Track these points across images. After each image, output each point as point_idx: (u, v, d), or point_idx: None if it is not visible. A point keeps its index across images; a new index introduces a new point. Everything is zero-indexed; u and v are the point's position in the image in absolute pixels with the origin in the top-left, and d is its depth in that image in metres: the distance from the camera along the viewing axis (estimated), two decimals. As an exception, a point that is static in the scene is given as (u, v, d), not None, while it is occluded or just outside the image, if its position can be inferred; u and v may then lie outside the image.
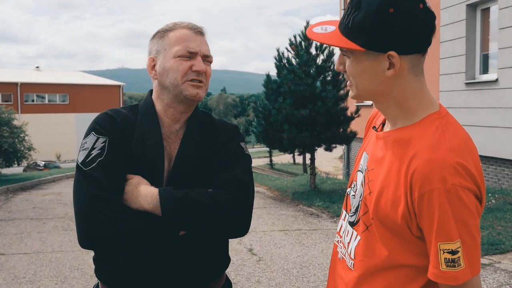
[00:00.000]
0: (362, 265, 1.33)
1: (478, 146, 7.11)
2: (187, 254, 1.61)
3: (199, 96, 1.65)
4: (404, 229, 1.23)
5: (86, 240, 1.51)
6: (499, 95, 8.61)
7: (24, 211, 9.78)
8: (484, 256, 5.45)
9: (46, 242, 6.94)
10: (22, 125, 18.29)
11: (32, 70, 56.25)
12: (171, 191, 1.53)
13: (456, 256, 1.16)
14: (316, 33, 1.31)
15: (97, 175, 1.51)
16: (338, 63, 1.34)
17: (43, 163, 36.87)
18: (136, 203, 1.52)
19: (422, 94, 1.29)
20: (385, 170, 1.29)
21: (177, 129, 1.68)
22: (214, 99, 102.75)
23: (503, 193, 8.08)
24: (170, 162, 1.64)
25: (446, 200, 1.15)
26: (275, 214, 8.94)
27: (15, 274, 5.48)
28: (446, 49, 10.16)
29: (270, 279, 5.16)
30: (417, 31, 1.21)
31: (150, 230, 1.49)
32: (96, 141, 1.58)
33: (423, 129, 1.26)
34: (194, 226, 1.53)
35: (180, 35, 1.65)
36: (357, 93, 1.32)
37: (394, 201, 1.24)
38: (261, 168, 26.29)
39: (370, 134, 1.50)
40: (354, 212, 1.41)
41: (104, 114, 1.67)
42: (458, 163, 1.17)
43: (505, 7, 8.44)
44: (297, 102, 10.53)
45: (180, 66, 1.63)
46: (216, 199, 1.54)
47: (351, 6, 1.25)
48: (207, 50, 1.68)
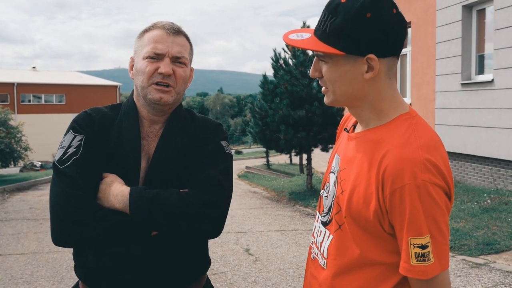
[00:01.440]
0: (335, 264, 1.35)
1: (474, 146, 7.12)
2: (163, 255, 1.59)
3: (164, 100, 1.59)
4: (376, 226, 1.26)
5: (58, 238, 1.51)
6: (494, 95, 8.65)
7: (21, 211, 9.77)
8: (479, 256, 5.48)
9: (42, 243, 6.94)
10: (19, 125, 18.25)
11: (29, 70, 56.09)
12: (142, 190, 1.51)
13: (426, 250, 1.19)
14: (292, 39, 1.32)
15: (71, 174, 1.51)
16: (313, 70, 1.35)
17: (39, 163, 36.77)
18: (108, 202, 1.51)
19: (394, 96, 1.34)
20: (356, 169, 1.32)
21: (156, 129, 1.67)
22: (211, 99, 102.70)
23: (498, 193, 8.11)
24: (148, 161, 1.63)
25: (417, 196, 1.18)
26: (272, 214, 8.96)
27: (11, 274, 5.48)
28: (442, 49, 10.19)
29: (266, 279, 5.17)
30: (393, 35, 1.25)
31: (120, 229, 1.49)
32: (73, 139, 1.58)
33: (394, 129, 1.29)
34: (163, 227, 1.51)
35: (152, 36, 1.62)
36: (334, 98, 1.34)
37: (366, 199, 1.26)
38: (258, 169, 26.28)
39: (342, 136, 1.53)
40: (327, 212, 1.43)
41: (83, 113, 1.66)
42: (427, 159, 1.20)
43: (501, 8, 8.48)
44: (293, 102, 10.55)
45: (146, 68, 1.59)
46: (187, 200, 1.51)
47: (327, 12, 1.27)
48: (179, 51, 1.62)
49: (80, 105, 47.21)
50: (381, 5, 1.23)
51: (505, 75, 8.38)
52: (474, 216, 6.97)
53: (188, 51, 1.68)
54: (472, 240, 5.91)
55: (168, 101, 1.60)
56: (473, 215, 7.02)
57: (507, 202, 7.44)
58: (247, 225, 7.88)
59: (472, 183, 9.37)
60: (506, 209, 7.13)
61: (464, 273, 4.96)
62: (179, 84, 1.63)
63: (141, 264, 1.58)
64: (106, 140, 1.61)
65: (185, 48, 1.66)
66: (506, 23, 8.35)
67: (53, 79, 50.91)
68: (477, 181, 9.29)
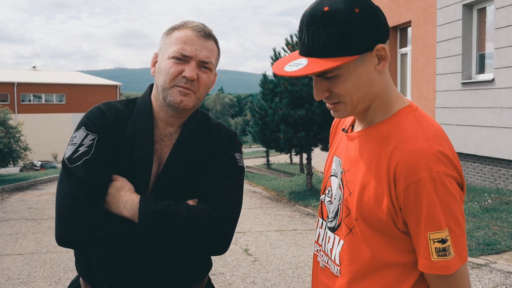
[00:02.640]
0: (349, 270, 1.30)
1: (475, 146, 7.09)
2: (164, 258, 1.56)
3: (184, 104, 1.53)
4: (390, 226, 1.23)
5: (62, 240, 1.48)
6: (495, 95, 8.61)
7: (19, 211, 9.74)
8: (480, 256, 5.44)
9: (41, 243, 6.91)
10: (18, 125, 18.23)
11: (29, 70, 56.13)
12: (152, 201, 1.47)
13: (446, 244, 1.16)
14: (294, 71, 1.21)
15: (80, 175, 1.47)
16: (320, 92, 1.26)
17: (39, 163, 36.79)
18: (117, 208, 1.48)
19: (392, 87, 1.32)
20: (363, 168, 1.28)
21: (171, 132, 1.61)
22: (211, 99, 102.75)
23: (499, 193, 8.07)
24: (160, 166, 1.58)
25: (432, 189, 1.15)
26: (272, 214, 8.92)
27: (9, 275, 5.45)
28: (443, 49, 10.15)
29: (265, 280, 5.13)
30: (382, 19, 1.24)
31: (126, 238, 1.45)
32: (85, 137, 1.53)
33: (399, 123, 1.26)
34: (169, 240, 1.46)
35: (181, 36, 1.55)
36: (351, 108, 1.27)
37: (377, 197, 1.23)
38: (258, 168, 26.27)
39: (338, 138, 1.49)
40: (334, 217, 1.38)
41: (97, 108, 1.60)
42: (439, 151, 1.18)
43: (501, 7, 8.43)
44: (293, 102, 10.52)
45: (171, 69, 1.53)
46: (196, 216, 1.47)
47: (314, 27, 1.18)
48: (207, 56, 1.55)
49: (80, 104, 47.25)
50: None
51: (505, 74, 8.35)
52: (475, 216, 6.94)
53: (216, 57, 1.61)
54: (473, 240, 5.87)
55: (188, 105, 1.54)
56: (474, 215, 6.98)
57: (507, 202, 7.40)
58: (246, 225, 7.84)
59: (473, 183, 9.33)
60: (507, 209, 7.09)
61: (465, 274, 4.92)
62: (201, 90, 1.57)
63: (143, 265, 1.55)
64: (118, 140, 1.56)
65: (213, 54, 1.59)
66: (507, 22, 8.31)
67: (53, 79, 50.94)
68: (477, 181, 9.25)
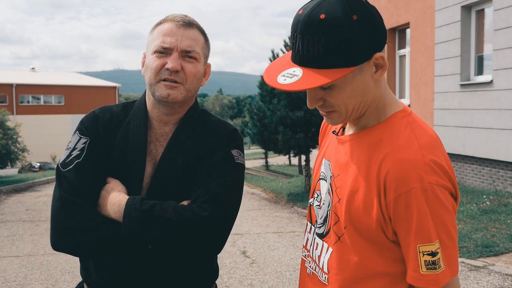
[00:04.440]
0: (337, 279, 1.26)
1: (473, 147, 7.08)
2: (165, 265, 1.52)
3: (172, 97, 1.49)
4: (379, 234, 1.19)
5: (54, 244, 1.48)
6: (494, 96, 8.60)
7: (17, 213, 9.71)
8: (478, 258, 5.42)
9: (38, 245, 6.87)
10: (16, 126, 18.19)
11: (28, 71, 56.07)
12: (139, 202, 1.42)
13: (436, 257, 1.12)
14: (291, 83, 1.14)
15: (71, 179, 1.46)
16: (313, 101, 1.20)
17: (38, 164, 36.73)
18: (105, 210, 1.46)
19: (388, 91, 1.27)
20: (353, 174, 1.23)
21: (166, 132, 1.57)
22: (210, 100, 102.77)
23: (497, 194, 8.06)
24: (154, 167, 1.54)
25: (424, 200, 1.11)
26: (270, 216, 8.90)
27: (5, 277, 5.42)
28: (441, 50, 10.14)
29: (263, 282, 5.11)
30: (381, 26, 1.17)
31: (114, 241, 1.42)
32: (78, 141, 1.53)
33: (392, 129, 1.22)
34: (155, 242, 1.42)
35: (162, 29, 1.52)
36: (346, 116, 1.23)
37: (366, 206, 1.18)
38: (257, 170, 26.25)
39: (327, 140, 1.44)
40: (323, 223, 1.33)
41: (91, 113, 1.61)
42: (432, 160, 1.14)
43: (500, 8, 8.43)
44: (292, 103, 10.51)
45: (154, 64, 1.50)
46: (182, 215, 1.40)
47: (310, 35, 1.12)
48: (189, 45, 1.50)
49: (79, 106, 47.20)
50: (357, 2, 1.14)
51: (504, 76, 8.34)
52: (473, 218, 6.92)
53: (201, 45, 1.56)
54: (471, 242, 5.85)
55: (177, 97, 1.50)
56: (472, 217, 6.96)
57: (506, 204, 7.38)
58: (244, 227, 7.82)
59: (471, 185, 9.32)
60: (505, 210, 7.07)
61: (463, 276, 4.90)
62: (189, 81, 1.51)
63: (143, 274, 1.52)
64: (111, 143, 1.54)
65: (197, 42, 1.54)
66: (506, 23, 8.30)
67: (52, 80, 50.86)
68: (476, 183, 9.24)
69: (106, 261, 1.52)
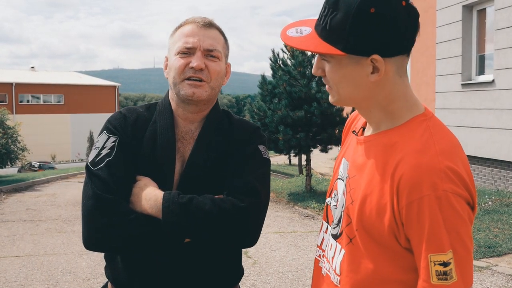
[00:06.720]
0: (347, 281, 1.23)
1: (474, 147, 7.04)
2: (195, 263, 1.54)
3: (197, 96, 1.53)
4: (392, 240, 1.15)
5: (88, 242, 1.48)
6: (495, 96, 8.59)
7: (17, 212, 9.68)
8: (481, 259, 5.41)
9: (38, 245, 6.85)
10: (15, 125, 18.15)
11: (27, 71, 56.03)
12: (176, 195, 1.44)
13: (448, 268, 1.07)
14: (291, 37, 1.20)
15: (103, 176, 1.47)
16: (315, 68, 1.23)
17: (38, 163, 36.70)
18: (140, 206, 1.46)
19: (407, 95, 1.21)
20: (367, 177, 1.20)
21: (192, 130, 1.61)
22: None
23: (499, 194, 8.04)
24: (183, 164, 1.57)
25: (437, 208, 1.07)
26: (271, 216, 8.88)
27: (6, 277, 5.39)
28: (442, 50, 10.13)
29: (265, 283, 5.09)
30: (401, 31, 1.11)
31: (151, 236, 1.43)
32: (106, 140, 1.55)
33: (409, 132, 1.18)
34: (196, 234, 1.44)
35: (183, 31, 1.58)
36: (338, 98, 1.23)
37: (379, 210, 1.15)
38: (257, 169, 26.17)
39: (349, 139, 1.41)
40: (337, 224, 1.31)
41: (118, 112, 1.64)
42: (448, 167, 1.09)
43: (501, 8, 8.41)
44: (292, 103, 10.49)
45: (178, 63, 1.55)
46: (222, 207, 1.44)
47: (327, 6, 1.15)
48: (211, 44, 1.56)
49: (79, 105, 47.21)
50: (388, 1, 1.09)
51: (505, 75, 8.32)
52: (475, 218, 6.90)
53: (222, 45, 1.62)
54: (474, 243, 5.84)
55: (202, 96, 1.54)
56: (474, 217, 6.95)
57: (508, 204, 7.37)
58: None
59: (473, 185, 9.30)
60: (507, 210, 7.06)
61: (466, 277, 4.88)
62: (213, 79, 1.57)
63: (171, 272, 1.53)
64: (140, 141, 1.57)
65: (218, 41, 1.60)
66: (507, 23, 8.28)
67: (52, 79, 50.86)
68: (477, 183, 9.22)
69: (136, 259, 1.53)
